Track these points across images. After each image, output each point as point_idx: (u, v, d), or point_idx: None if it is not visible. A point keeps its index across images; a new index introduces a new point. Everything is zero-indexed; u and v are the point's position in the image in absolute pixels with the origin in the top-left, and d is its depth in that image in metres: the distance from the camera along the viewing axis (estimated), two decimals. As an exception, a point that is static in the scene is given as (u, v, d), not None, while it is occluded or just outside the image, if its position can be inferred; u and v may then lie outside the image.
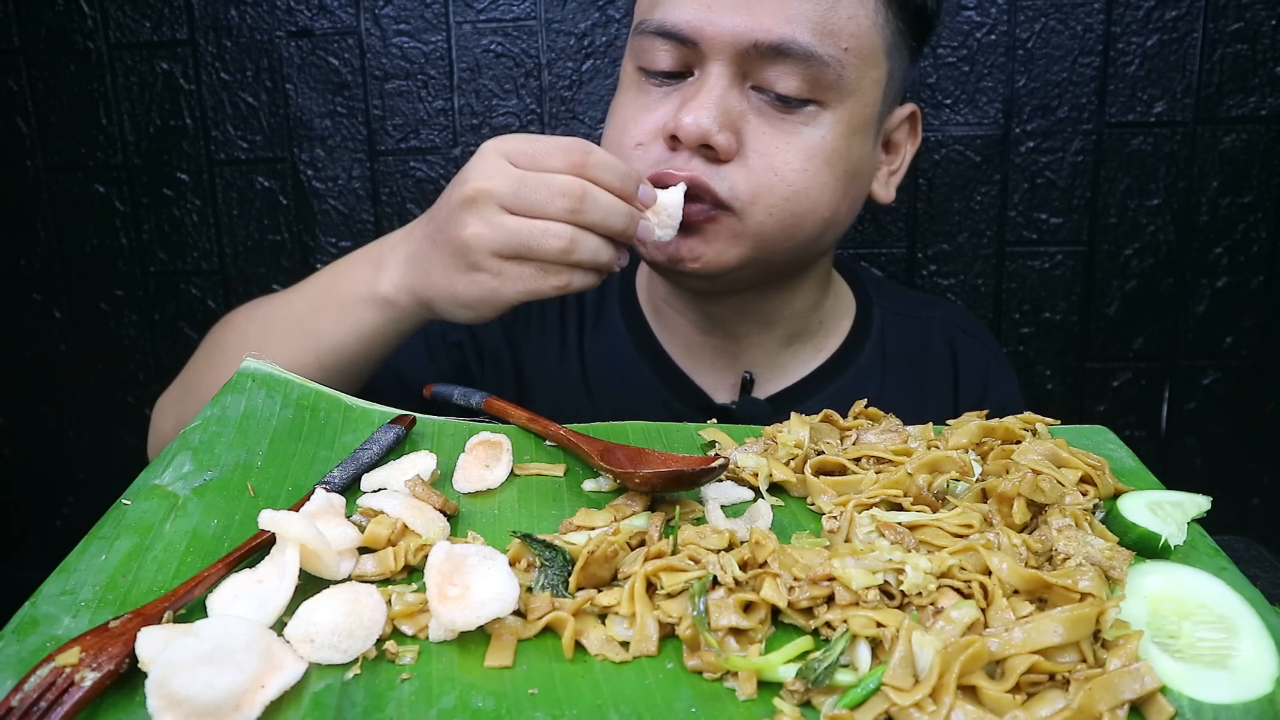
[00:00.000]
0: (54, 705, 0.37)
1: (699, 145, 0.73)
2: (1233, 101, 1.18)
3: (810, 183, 0.75)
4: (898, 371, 0.89)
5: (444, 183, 1.28)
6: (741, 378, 0.86)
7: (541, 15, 1.22)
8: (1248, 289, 1.24)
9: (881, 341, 0.90)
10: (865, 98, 0.76)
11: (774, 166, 0.74)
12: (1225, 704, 0.39)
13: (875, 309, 0.92)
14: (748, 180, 0.74)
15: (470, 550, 0.45)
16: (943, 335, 0.92)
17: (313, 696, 0.39)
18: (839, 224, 0.80)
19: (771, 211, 0.74)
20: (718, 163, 0.73)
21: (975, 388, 0.90)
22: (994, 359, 0.93)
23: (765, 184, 0.74)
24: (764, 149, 0.74)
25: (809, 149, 0.74)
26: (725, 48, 0.72)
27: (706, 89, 0.72)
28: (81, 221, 1.32)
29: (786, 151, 0.74)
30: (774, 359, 0.87)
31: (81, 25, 1.25)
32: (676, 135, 0.73)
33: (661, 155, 0.75)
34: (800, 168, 0.74)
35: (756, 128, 0.74)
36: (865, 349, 0.89)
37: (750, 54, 0.72)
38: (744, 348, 0.87)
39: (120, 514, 0.50)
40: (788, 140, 0.74)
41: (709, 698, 0.39)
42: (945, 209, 1.24)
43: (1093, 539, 0.46)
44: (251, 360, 0.65)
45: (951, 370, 0.91)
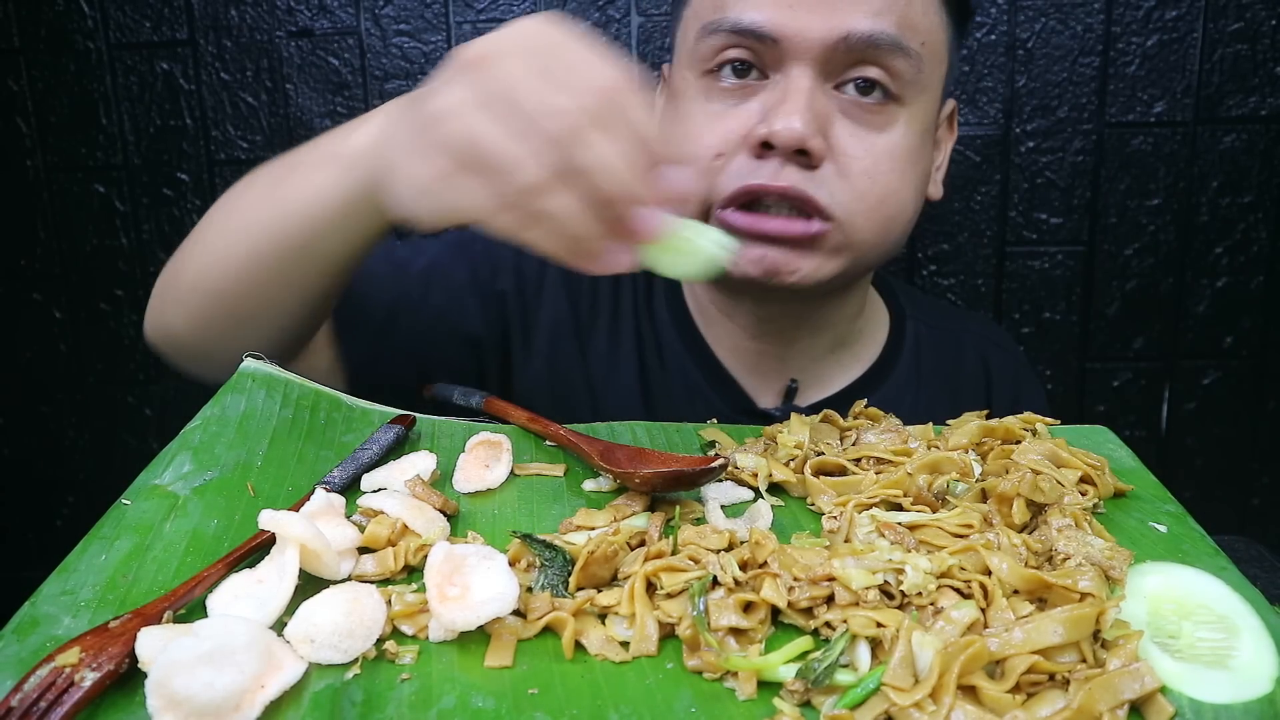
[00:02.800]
0: (54, 705, 0.37)
1: (793, 152, 0.69)
2: (1233, 101, 1.18)
3: (900, 184, 0.74)
4: (932, 385, 0.88)
5: (444, 183, 1.28)
6: (787, 385, 0.85)
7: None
8: (1248, 289, 1.24)
9: (916, 354, 0.89)
10: (933, 95, 0.76)
11: (867, 169, 0.72)
12: (1225, 704, 0.39)
13: (909, 321, 0.91)
14: (844, 185, 0.71)
15: (470, 550, 0.45)
16: (976, 349, 0.91)
17: (313, 696, 0.39)
18: (909, 225, 0.79)
19: (869, 217, 0.73)
20: (810, 169, 0.71)
21: (1005, 402, 0.89)
22: (1024, 372, 0.93)
23: (860, 188, 0.72)
24: (854, 152, 0.72)
25: (893, 149, 0.73)
26: (810, 47, 0.69)
27: (795, 92, 0.70)
28: (81, 221, 1.32)
29: (876, 151, 0.72)
30: (819, 366, 0.86)
31: (81, 25, 1.25)
32: (769, 142, 0.69)
33: (747, 165, 0.71)
34: (889, 169, 0.73)
35: (843, 130, 0.72)
36: (901, 361, 0.88)
37: (836, 51, 0.70)
38: (792, 353, 0.85)
39: (120, 514, 0.50)
40: (874, 139, 0.72)
41: (709, 698, 0.39)
42: (945, 209, 1.24)
43: (1093, 539, 0.46)
44: (251, 360, 0.65)
45: (985, 384, 0.90)
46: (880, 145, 0.73)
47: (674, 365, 0.86)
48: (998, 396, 0.90)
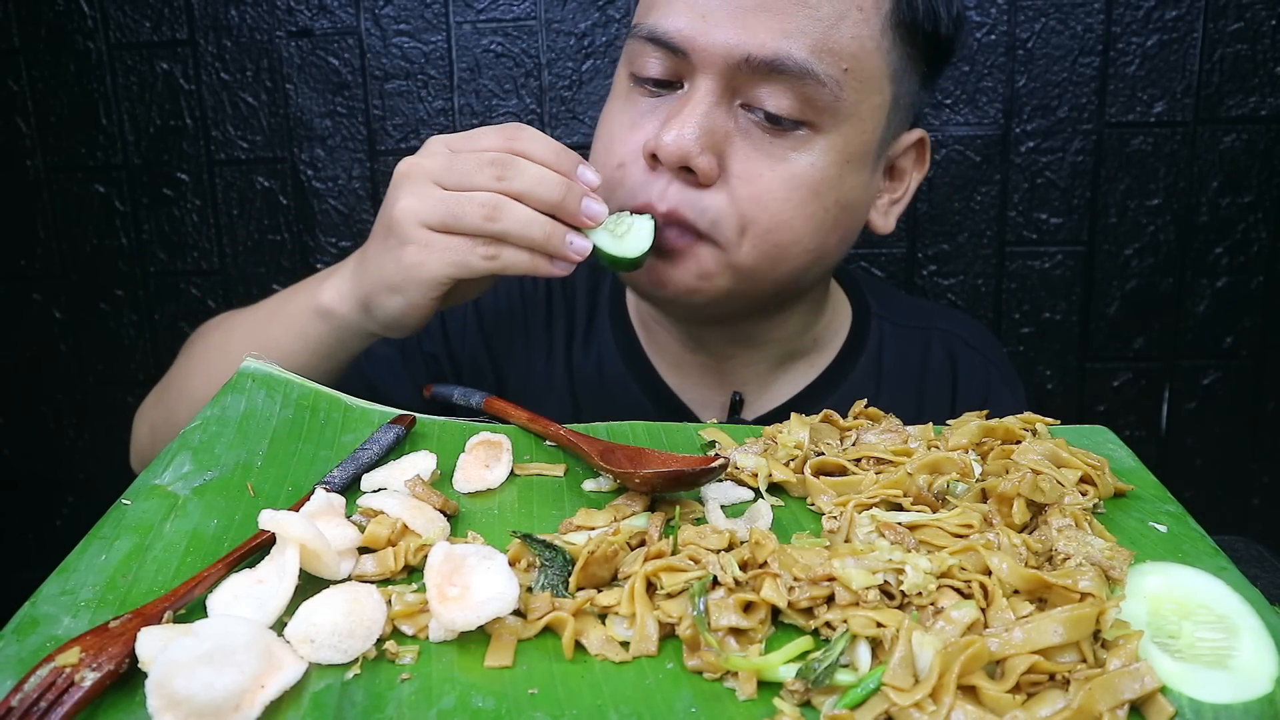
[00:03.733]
0: (54, 705, 0.37)
1: (679, 167, 0.69)
2: (1233, 101, 1.18)
3: (793, 213, 0.70)
4: (893, 386, 0.86)
5: (444, 183, 1.28)
6: (731, 398, 0.84)
7: (541, 15, 1.22)
8: (1248, 289, 1.24)
9: (878, 356, 0.87)
10: (863, 124, 0.71)
11: (757, 195, 0.69)
12: (1225, 704, 0.39)
13: (873, 320, 0.89)
14: (728, 209, 0.70)
15: (470, 550, 0.45)
16: (944, 347, 0.89)
17: (313, 696, 0.39)
18: (828, 257, 0.76)
19: (754, 245, 0.71)
20: (699, 187, 0.69)
21: (973, 402, 0.86)
22: (997, 373, 0.89)
23: (746, 214, 0.70)
24: (748, 174, 0.69)
25: (796, 176, 0.70)
26: (716, 61, 0.68)
27: (691, 105, 0.68)
28: (81, 221, 1.32)
29: (771, 178, 0.70)
30: (764, 379, 0.85)
31: (81, 25, 1.25)
32: (656, 154, 0.69)
33: (642, 177, 0.71)
34: (784, 197, 0.70)
35: (742, 150, 0.70)
36: (859, 364, 0.86)
37: (742, 69, 0.68)
38: (733, 367, 0.84)
39: (120, 514, 0.50)
40: (774, 166, 0.70)
41: (709, 698, 0.39)
42: (945, 209, 1.24)
43: (1093, 539, 0.46)
44: (251, 360, 0.65)
45: (950, 382, 0.88)
46: (779, 173, 0.70)
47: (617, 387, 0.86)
48: (964, 395, 0.87)
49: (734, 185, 0.70)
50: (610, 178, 0.73)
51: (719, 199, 0.70)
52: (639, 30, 0.72)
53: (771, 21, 0.67)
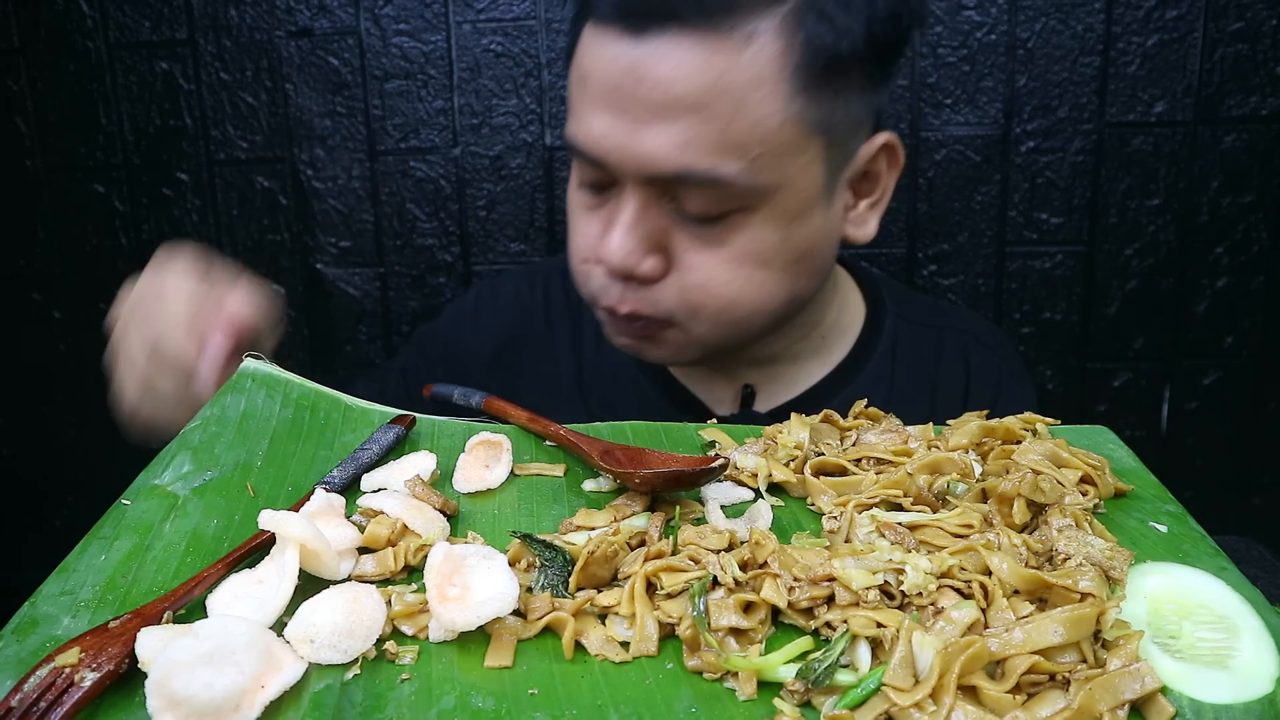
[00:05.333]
0: (54, 705, 0.37)
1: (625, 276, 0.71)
2: (1233, 101, 1.18)
3: (743, 289, 0.71)
4: (906, 382, 0.87)
5: (444, 183, 1.28)
6: (742, 390, 0.85)
7: (541, 15, 1.22)
8: (1248, 289, 1.24)
9: (892, 351, 0.87)
10: (796, 184, 0.70)
11: (703, 283, 0.71)
12: (1225, 704, 0.39)
13: (887, 317, 0.89)
14: (679, 299, 0.71)
15: (470, 550, 0.45)
16: (956, 346, 0.89)
17: (313, 696, 0.39)
18: (802, 296, 0.77)
19: (713, 323, 0.73)
20: (650, 284, 0.71)
21: (985, 400, 0.87)
22: (1008, 372, 0.90)
23: (696, 301, 0.71)
24: (692, 265, 0.70)
25: (738, 257, 0.70)
26: (631, 172, 0.68)
27: (623, 214, 0.69)
28: (81, 221, 1.32)
29: (714, 265, 0.70)
30: (772, 373, 0.86)
31: (81, 25, 1.25)
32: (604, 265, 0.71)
33: (602, 279, 0.73)
34: (728, 279, 0.70)
35: (683, 243, 0.70)
36: (873, 359, 0.87)
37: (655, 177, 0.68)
38: (738, 366, 0.85)
39: (120, 514, 0.50)
40: (714, 252, 0.70)
41: (709, 698, 0.39)
42: (945, 209, 1.24)
43: (1093, 539, 0.46)
44: (251, 360, 0.65)
45: (963, 382, 0.88)
46: (720, 257, 0.70)
47: (626, 381, 0.86)
48: (976, 394, 0.87)
49: (681, 275, 0.71)
50: (579, 271, 0.76)
51: (669, 291, 0.72)
52: (566, 138, 0.73)
53: (667, 132, 0.65)
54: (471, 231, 1.29)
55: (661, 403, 0.86)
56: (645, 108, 0.65)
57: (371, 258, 1.31)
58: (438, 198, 1.29)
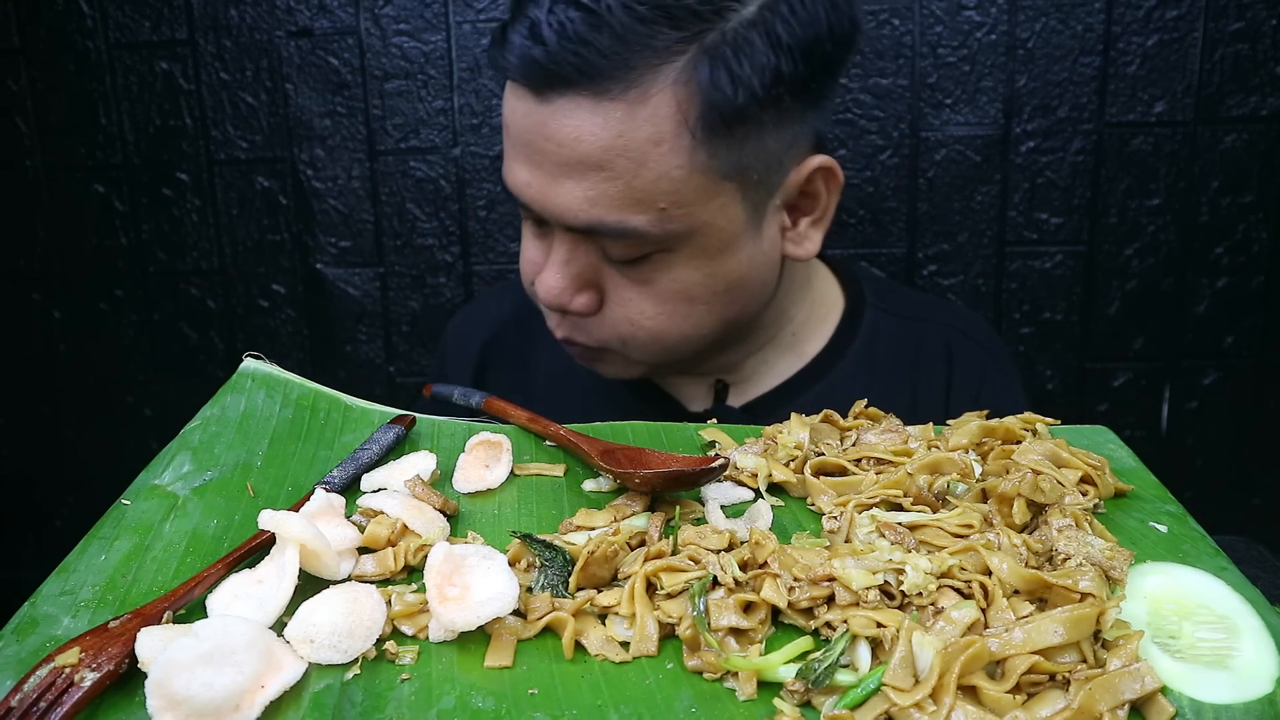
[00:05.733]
0: (53, 705, 0.37)
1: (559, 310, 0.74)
2: (1233, 101, 1.18)
3: (670, 322, 0.73)
4: (887, 375, 0.86)
5: (444, 183, 1.28)
6: (715, 385, 0.85)
7: (541, 15, 1.22)
8: (1248, 289, 1.24)
9: (871, 346, 0.87)
10: (713, 226, 0.70)
11: (630, 317, 0.73)
12: (1225, 704, 0.39)
13: (867, 311, 0.88)
14: (612, 331, 0.75)
15: (470, 550, 0.45)
16: (939, 338, 0.89)
17: (312, 696, 0.39)
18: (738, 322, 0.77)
19: (643, 351, 0.76)
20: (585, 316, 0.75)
21: (968, 391, 0.87)
22: (992, 363, 0.89)
23: (626, 334, 0.74)
24: (621, 300, 0.73)
25: (663, 294, 0.72)
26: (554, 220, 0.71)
27: (555, 254, 0.72)
28: (81, 221, 1.32)
29: (641, 302, 0.73)
30: (741, 368, 0.86)
31: (81, 25, 1.25)
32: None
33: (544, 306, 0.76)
34: (655, 313, 0.73)
35: (612, 278, 0.73)
36: (850, 352, 0.86)
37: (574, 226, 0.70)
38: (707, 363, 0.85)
39: (120, 514, 0.50)
40: (640, 290, 0.72)
41: (709, 698, 0.39)
42: (945, 209, 1.24)
43: (1093, 539, 0.46)
44: (251, 360, 0.65)
45: (945, 374, 0.88)
46: (646, 294, 0.73)
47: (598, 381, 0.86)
48: (959, 385, 0.87)
49: (611, 309, 0.74)
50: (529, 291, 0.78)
51: (601, 324, 0.75)
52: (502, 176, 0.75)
53: (576, 188, 0.67)
54: (471, 231, 1.29)
55: (635, 400, 0.86)
56: (555, 164, 0.67)
57: (371, 258, 1.31)
58: (438, 198, 1.29)
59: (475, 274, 1.31)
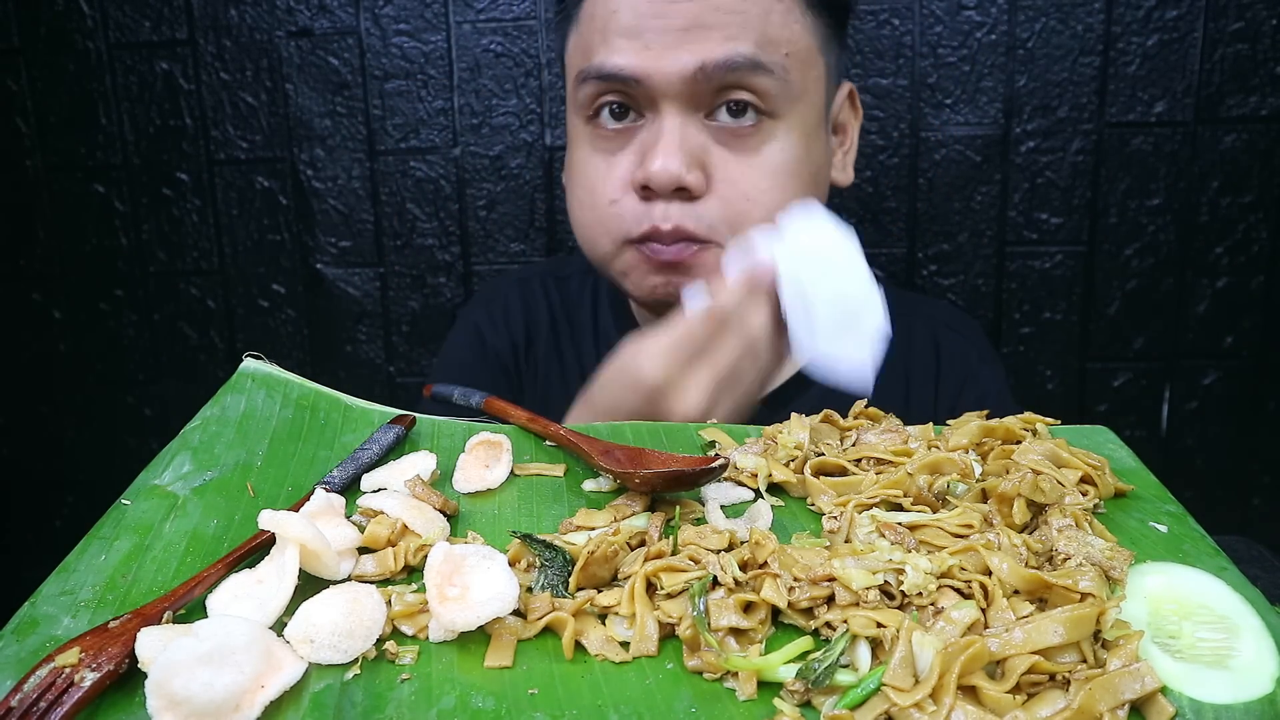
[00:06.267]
0: (53, 705, 0.37)
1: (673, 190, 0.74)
2: (1233, 101, 1.18)
3: (780, 199, 0.76)
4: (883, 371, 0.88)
5: (444, 183, 1.28)
6: None
7: (541, 15, 1.22)
8: (1248, 289, 1.24)
9: None
10: (811, 98, 0.78)
11: (745, 193, 0.75)
12: (1226, 704, 0.39)
13: None
14: (723, 212, 0.75)
15: (470, 550, 0.45)
16: (926, 330, 0.93)
17: (313, 696, 0.39)
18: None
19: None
20: (692, 200, 0.75)
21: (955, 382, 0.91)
22: (976, 352, 0.94)
23: (740, 211, 0.76)
24: (732, 177, 0.75)
25: (773, 167, 0.76)
26: (673, 83, 0.73)
27: (667, 131, 0.74)
28: (81, 221, 1.32)
29: (752, 174, 0.75)
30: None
31: (81, 25, 1.25)
32: (648, 185, 0.74)
33: (637, 207, 0.76)
34: (768, 187, 0.76)
35: (720, 158, 0.75)
36: None
37: (699, 82, 0.73)
38: None
39: (120, 514, 0.50)
40: (750, 163, 0.76)
41: (709, 698, 0.39)
42: (945, 209, 1.24)
43: (1093, 539, 0.46)
44: (251, 360, 0.65)
45: (934, 364, 0.92)
46: (757, 166, 0.76)
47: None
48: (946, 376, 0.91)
49: (721, 190, 0.75)
50: (605, 215, 0.78)
51: (711, 206, 0.76)
52: (588, 73, 0.76)
53: (711, 33, 0.72)
54: (471, 231, 1.29)
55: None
56: (687, 19, 0.72)
57: (371, 258, 1.31)
58: (438, 198, 1.29)
59: (475, 274, 1.31)
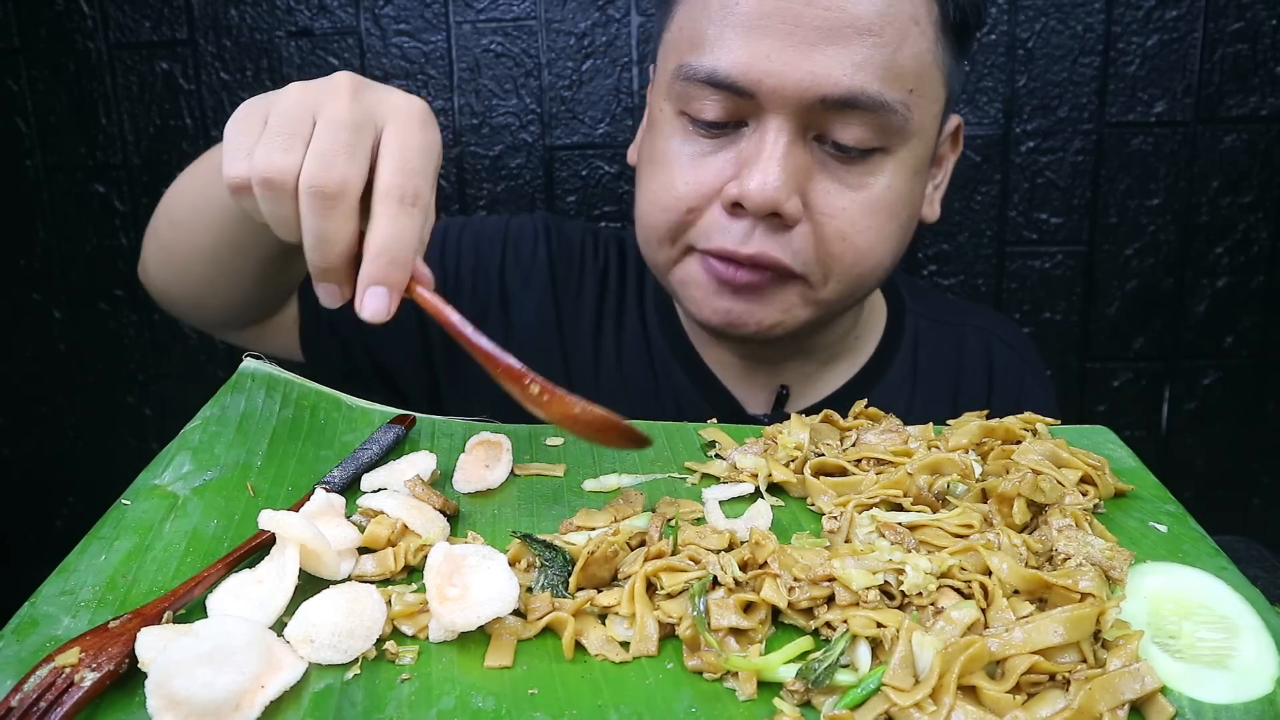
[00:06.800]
0: (53, 706, 0.37)
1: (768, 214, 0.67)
2: (1233, 101, 1.18)
3: (875, 240, 0.70)
4: (930, 381, 0.86)
5: (444, 183, 1.28)
6: (777, 391, 0.84)
7: (541, 15, 1.22)
8: (1248, 289, 1.24)
9: (914, 351, 0.87)
10: (926, 135, 0.71)
11: (842, 231, 0.69)
12: (1225, 704, 0.39)
13: (908, 317, 0.89)
14: (816, 249, 0.69)
15: (470, 550, 0.45)
16: (979, 342, 0.88)
17: (313, 696, 0.39)
18: (892, 267, 0.76)
19: (841, 278, 0.71)
20: (784, 228, 0.68)
21: (1009, 399, 0.86)
22: (1030, 370, 0.90)
23: (834, 251, 0.70)
24: (830, 209, 0.69)
25: (874, 203, 0.69)
26: (787, 101, 0.65)
27: (770, 147, 0.66)
28: (81, 221, 1.32)
29: (852, 210, 0.69)
30: (808, 373, 0.85)
31: (81, 25, 1.25)
32: (741, 204, 0.67)
33: (719, 222, 0.69)
34: (866, 226, 0.70)
35: (821, 185, 0.69)
36: (896, 360, 0.86)
37: (814, 106, 0.66)
38: (782, 369, 0.84)
39: (120, 514, 0.50)
40: (852, 197, 0.69)
41: (709, 698, 0.39)
42: (945, 209, 1.24)
43: (1093, 539, 0.46)
44: (251, 360, 0.65)
45: (986, 379, 0.88)
46: (859, 202, 0.69)
47: (661, 370, 0.85)
48: (1000, 393, 0.87)
49: (818, 221, 0.69)
50: (678, 221, 0.71)
51: (804, 238, 0.69)
52: (693, 73, 0.68)
53: (839, 54, 0.64)
54: (471, 231, 1.29)
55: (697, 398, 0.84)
56: (817, 29, 0.64)
57: (371, 258, 1.31)
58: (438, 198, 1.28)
59: (475, 274, 1.31)
